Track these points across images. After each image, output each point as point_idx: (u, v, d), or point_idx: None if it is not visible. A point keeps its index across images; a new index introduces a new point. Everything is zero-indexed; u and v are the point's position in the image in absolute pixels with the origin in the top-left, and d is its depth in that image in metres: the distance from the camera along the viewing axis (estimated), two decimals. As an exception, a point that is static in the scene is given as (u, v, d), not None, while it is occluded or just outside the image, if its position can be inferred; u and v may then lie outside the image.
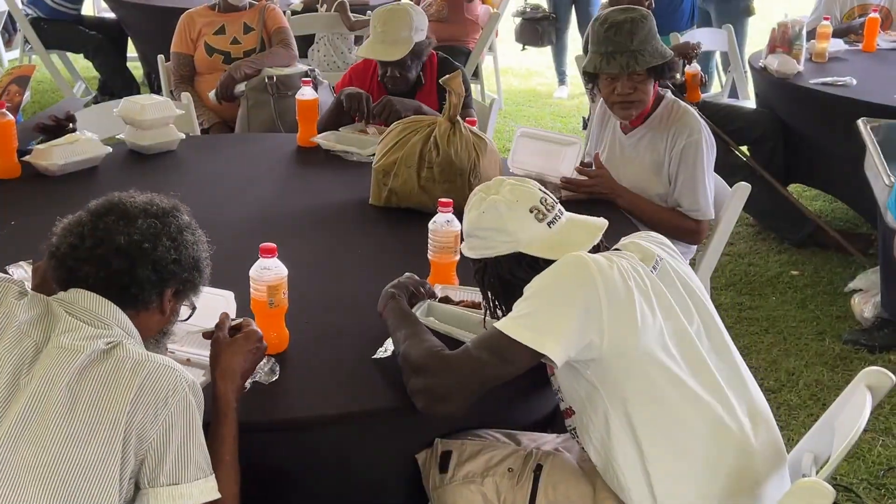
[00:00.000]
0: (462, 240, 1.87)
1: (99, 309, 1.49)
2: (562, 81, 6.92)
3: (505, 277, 1.78)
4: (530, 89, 7.23)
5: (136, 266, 1.50)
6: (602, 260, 1.67)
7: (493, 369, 1.66)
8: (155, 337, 1.62)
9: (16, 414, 1.35)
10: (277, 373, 1.78)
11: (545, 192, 1.81)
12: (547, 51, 6.93)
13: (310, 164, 3.06)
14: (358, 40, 5.32)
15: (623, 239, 1.84)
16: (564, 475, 1.77)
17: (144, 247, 1.51)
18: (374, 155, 2.97)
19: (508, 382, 1.69)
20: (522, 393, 1.95)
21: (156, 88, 6.35)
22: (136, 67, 6.29)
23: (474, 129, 2.56)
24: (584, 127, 6.15)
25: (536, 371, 1.73)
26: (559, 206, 1.81)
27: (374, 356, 1.84)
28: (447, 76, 2.49)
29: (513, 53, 7.50)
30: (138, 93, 5.95)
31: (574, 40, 6.81)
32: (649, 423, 1.65)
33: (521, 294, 1.70)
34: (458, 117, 2.53)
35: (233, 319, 1.72)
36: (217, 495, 1.44)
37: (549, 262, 1.72)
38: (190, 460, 1.41)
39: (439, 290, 2.01)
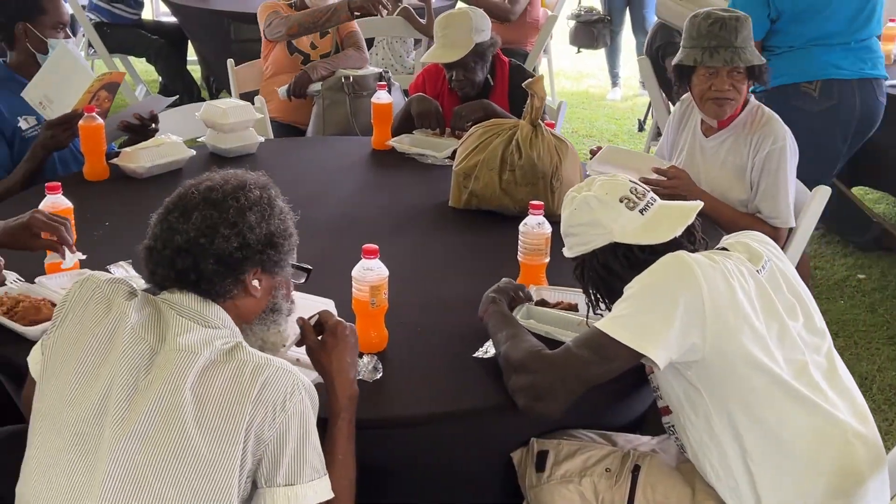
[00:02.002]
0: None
1: (204, 309, 1.51)
2: (615, 83, 6.91)
3: (603, 271, 1.80)
4: (583, 91, 7.22)
5: (198, 262, 1.49)
6: (704, 261, 1.68)
7: (594, 368, 1.68)
8: (260, 318, 1.61)
9: (139, 416, 1.38)
10: (381, 371, 1.81)
11: (635, 183, 1.83)
12: (597, 53, 6.92)
13: (386, 167, 3.10)
14: (417, 43, 5.37)
15: (728, 237, 1.84)
16: (663, 476, 1.79)
17: (201, 242, 1.48)
18: (449, 157, 3.03)
19: (602, 384, 1.71)
20: (616, 395, 1.96)
21: (214, 91, 6.47)
22: (194, 70, 6.39)
23: (555, 132, 2.58)
24: (640, 129, 6.16)
25: (631, 373, 1.75)
26: (651, 194, 1.82)
27: (475, 355, 1.87)
28: (531, 79, 2.52)
29: (565, 56, 7.50)
30: (199, 95, 6.06)
31: (628, 42, 6.80)
32: (752, 422, 1.66)
33: (620, 288, 1.72)
34: (539, 120, 2.55)
35: (311, 317, 1.70)
36: (330, 495, 1.47)
37: (644, 250, 1.74)
38: (305, 462, 1.44)
39: (534, 293, 2.03)
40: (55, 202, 2.15)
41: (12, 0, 2.88)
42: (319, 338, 1.67)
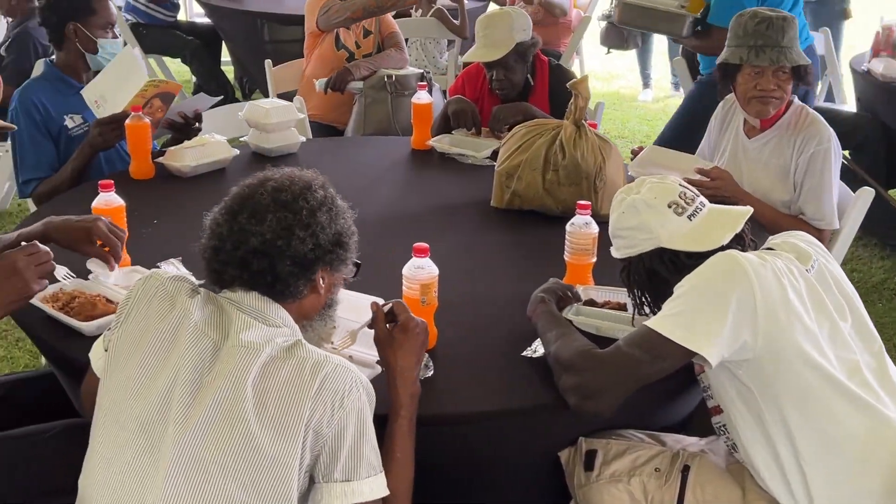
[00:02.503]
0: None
1: (265, 308, 1.52)
2: (646, 84, 6.90)
3: (649, 274, 1.80)
4: (614, 92, 7.21)
5: (275, 264, 1.51)
6: (755, 259, 1.68)
7: (646, 367, 1.68)
8: (319, 314, 1.64)
9: (203, 410, 1.41)
10: (432, 368, 1.83)
11: (685, 186, 1.82)
12: (627, 54, 6.89)
13: (426, 167, 3.12)
14: (450, 44, 5.39)
15: (774, 238, 1.84)
16: (713, 476, 1.79)
17: (278, 244, 1.50)
18: (489, 157, 3.04)
19: (650, 384, 1.71)
20: (664, 395, 1.97)
21: (247, 92, 6.52)
22: (227, 71, 6.44)
23: (598, 132, 2.58)
24: (672, 130, 6.14)
25: (678, 373, 1.74)
26: (701, 199, 1.82)
27: (523, 354, 1.88)
28: (575, 80, 2.52)
29: (595, 56, 7.49)
30: (233, 95, 6.11)
31: (659, 42, 6.78)
32: (804, 421, 1.66)
33: (666, 291, 1.72)
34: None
35: (384, 304, 1.72)
36: (386, 492, 1.48)
37: (691, 256, 1.74)
38: (362, 458, 1.45)
39: (582, 293, 2.04)
40: (108, 200, 2.18)
41: (64, 2, 2.93)
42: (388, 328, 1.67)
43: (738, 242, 1.78)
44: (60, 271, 1.96)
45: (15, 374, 2.65)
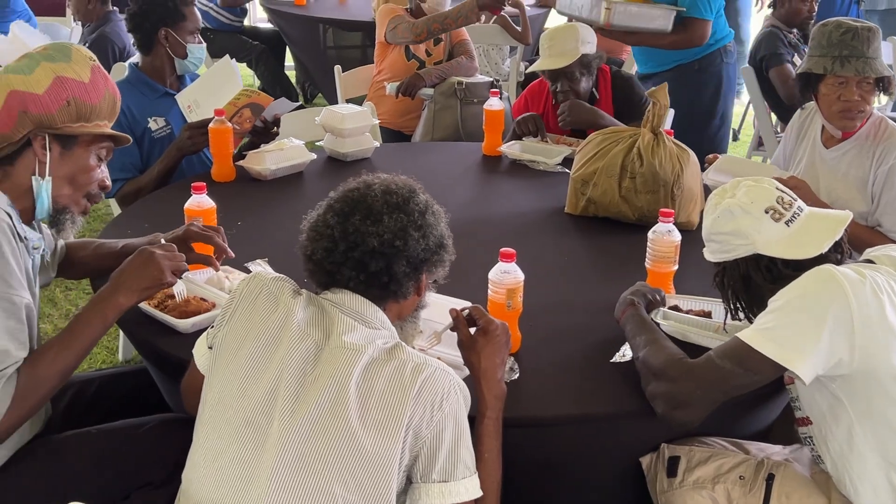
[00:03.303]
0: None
1: (365, 310, 1.56)
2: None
3: (744, 280, 1.79)
4: (672, 100, 7.17)
5: (392, 264, 1.55)
6: (853, 275, 1.65)
7: (737, 380, 1.68)
8: (411, 315, 1.68)
9: (307, 409, 1.45)
10: (517, 371, 1.85)
11: (782, 191, 1.80)
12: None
13: (498, 173, 3.15)
14: (512, 51, 5.42)
15: (872, 250, 1.82)
16: (798, 485, 1.78)
17: (396, 244, 1.55)
18: (560, 164, 3.06)
19: (735, 392, 1.72)
20: (748, 404, 1.96)
21: (308, 96, 6.61)
22: (290, 75, 6.54)
23: (676, 140, 2.59)
24: (734, 138, 6.10)
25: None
26: (798, 203, 1.79)
27: (612, 360, 1.90)
28: (654, 88, 2.53)
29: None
30: (296, 99, 6.19)
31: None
32: (896, 435, 1.65)
33: (760, 297, 1.72)
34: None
35: (463, 308, 1.75)
36: (480, 492, 1.51)
37: (788, 264, 1.73)
38: (459, 460, 1.48)
39: (667, 299, 2.05)
40: (200, 202, 2.25)
41: (157, 7, 3.02)
42: (472, 331, 1.71)
43: (837, 250, 1.75)
44: (179, 285, 2.03)
45: (108, 369, 2.73)
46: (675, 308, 2.04)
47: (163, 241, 2.04)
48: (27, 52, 1.83)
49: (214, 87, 2.89)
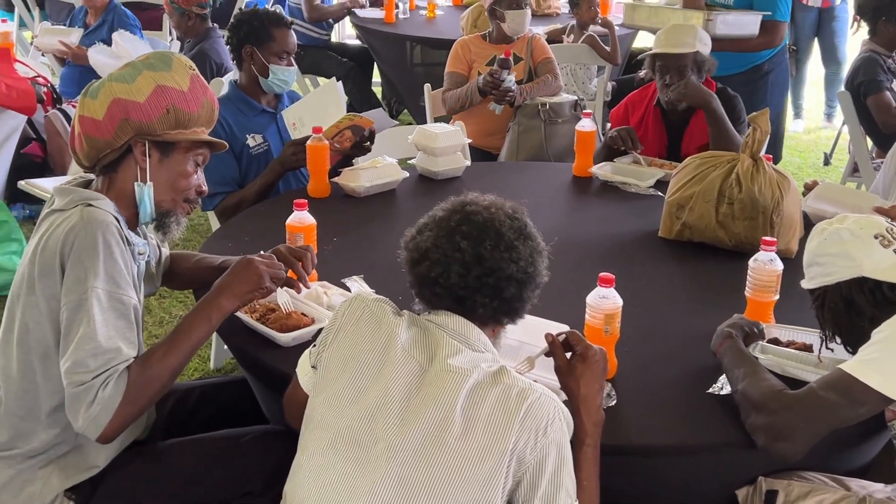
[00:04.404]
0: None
1: (469, 332, 1.58)
2: (797, 115, 6.72)
3: (846, 304, 1.77)
4: (763, 121, 7.05)
5: (523, 290, 1.59)
6: None
7: (841, 412, 1.65)
8: (499, 334, 1.70)
9: (412, 431, 1.46)
10: (615, 398, 1.84)
11: (892, 224, 1.80)
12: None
13: (588, 194, 3.14)
14: (600, 70, 5.40)
15: None
16: (902, 525, 1.74)
17: (529, 271, 1.59)
18: (652, 186, 3.04)
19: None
20: (849, 439, 1.91)
21: (394, 112, 6.68)
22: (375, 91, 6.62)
23: (776, 166, 2.55)
24: (826, 163, 5.97)
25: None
26: None
27: (709, 391, 1.88)
28: (755, 113, 2.50)
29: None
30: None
31: (812, 72, 6.62)
32: None
33: (860, 325, 1.69)
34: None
35: (559, 334, 1.74)
36: None
37: (893, 287, 1.71)
38: (561, 486, 1.48)
39: (766, 331, 2.01)
40: (301, 218, 2.29)
41: (244, 24, 3.09)
42: (568, 356, 1.70)
43: None
44: (283, 296, 2.07)
45: (208, 378, 2.81)
46: (775, 341, 2.01)
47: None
48: (130, 62, 1.90)
49: (319, 106, 2.96)
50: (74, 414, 1.68)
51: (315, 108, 2.98)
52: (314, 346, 1.66)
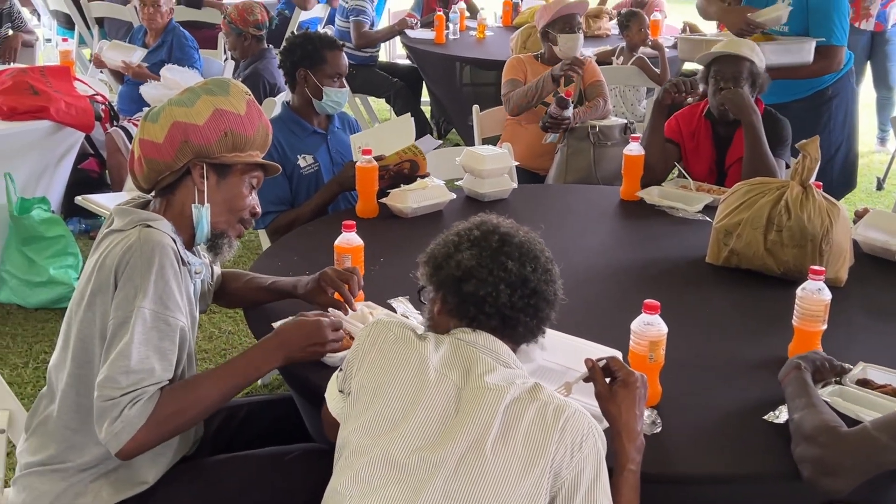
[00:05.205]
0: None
1: (499, 349, 1.61)
2: (849, 138, 6.62)
3: None
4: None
5: (553, 311, 1.67)
6: None
7: (890, 454, 1.62)
8: None
9: (452, 449, 1.48)
10: (660, 425, 1.84)
11: None
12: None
13: (635, 218, 3.13)
14: (649, 92, 5.39)
15: None
16: (952, 565, 1.71)
17: (558, 294, 1.67)
18: (700, 212, 3.02)
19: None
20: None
21: (442, 132, 6.73)
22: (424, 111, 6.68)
23: (825, 194, 2.53)
24: (878, 188, 5.88)
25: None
26: None
27: (765, 417, 1.86)
28: (805, 140, 2.48)
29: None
30: (432, 135, 6.32)
31: (865, 95, 6.51)
32: None
33: None
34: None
35: (599, 359, 1.75)
36: None
37: None
38: (596, 502, 1.49)
39: (860, 370, 1.96)
40: (349, 239, 2.33)
41: (298, 47, 3.15)
42: (608, 382, 1.72)
43: None
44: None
45: (256, 395, 2.84)
46: (866, 382, 1.95)
47: (306, 280, 2.15)
48: (189, 87, 1.95)
49: (389, 136, 3.06)
50: (99, 426, 1.72)
51: (384, 136, 3.09)
52: (340, 370, 1.69)
